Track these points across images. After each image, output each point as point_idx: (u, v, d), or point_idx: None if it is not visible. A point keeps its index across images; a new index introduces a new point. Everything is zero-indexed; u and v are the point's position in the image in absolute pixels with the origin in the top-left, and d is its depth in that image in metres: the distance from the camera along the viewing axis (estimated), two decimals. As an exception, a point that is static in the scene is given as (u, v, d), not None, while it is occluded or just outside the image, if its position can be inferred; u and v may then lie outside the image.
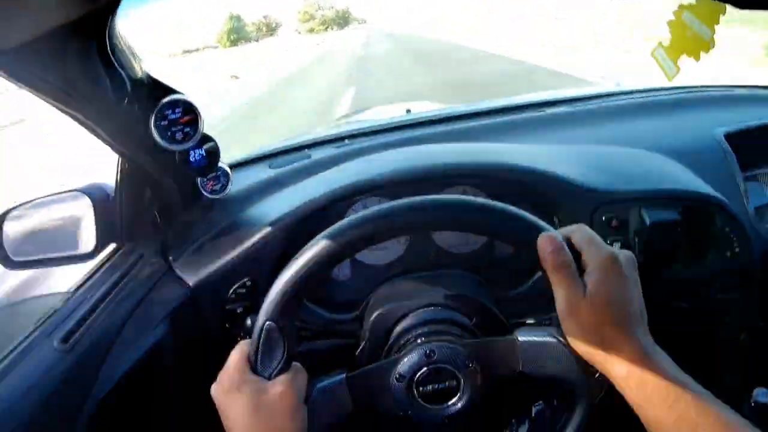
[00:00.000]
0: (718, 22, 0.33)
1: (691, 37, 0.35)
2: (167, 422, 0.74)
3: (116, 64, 0.60)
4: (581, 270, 0.46)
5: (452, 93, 5.81)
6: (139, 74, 0.65)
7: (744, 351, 0.84)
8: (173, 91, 0.67)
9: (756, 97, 1.04)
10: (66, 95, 0.58)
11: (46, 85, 0.55)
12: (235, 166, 0.95)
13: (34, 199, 0.77)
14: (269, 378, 0.50)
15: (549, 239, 0.46)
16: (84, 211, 0.76)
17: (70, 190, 0.76)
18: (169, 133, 0.67)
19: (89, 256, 0.75)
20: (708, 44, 0.34)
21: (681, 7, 0.35)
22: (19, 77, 0.53)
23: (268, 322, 0.49)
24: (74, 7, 0.49)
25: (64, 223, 0.78)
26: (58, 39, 0.51)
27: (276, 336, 0.49)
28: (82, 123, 0.64)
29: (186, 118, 0.68)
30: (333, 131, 1.13)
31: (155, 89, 0.67)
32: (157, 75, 0.67)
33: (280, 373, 0.50)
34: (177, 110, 0.67)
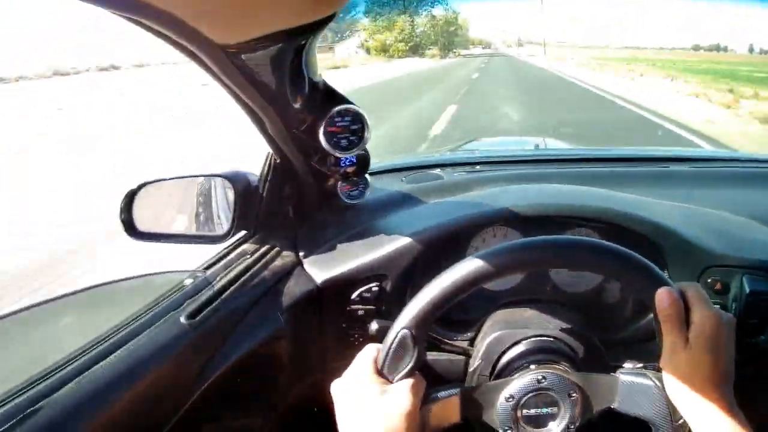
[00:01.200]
0: None
1: None
2: (272, 407, 0.75)
3: (304, 70, 0.65)
4: (688, 323, 0.52)
5: (576, 134, 5.99)
6: (318, 80, 0.70)
7: None
8: (346, 101, 0.72)
9: None
10: (252, 91, 0.62)
11: (243, 80, 0.60)
12: (369, 174, 0.99)
13: (173, 177, 0.80)
14: (393, 381, 0.54)
15: (668, 293, 0.52)
16: (222, 196, 0.80)
17: (212, 174, 0.79)
18: (335, 139, 0.72)
19: (221, 239, 0.78)
20: None
21: None
22: (224, 71, 0.58)
23: (404, 330, 0.53)
24: (299, 16, 0.54)
25: (199, 204, 0.81)
26: (270, 42, 0.56)
27: (409, 343, 0.53)
28: (254, 117, 0.69)
29: (353, 127, 0.73)
30: (464, 155, 1.19)
31: (330, 96, 0.72)
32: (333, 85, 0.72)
33: (404, 378, 0.54)
34: (347, 118, 0.72)
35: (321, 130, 0.71)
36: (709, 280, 0.77)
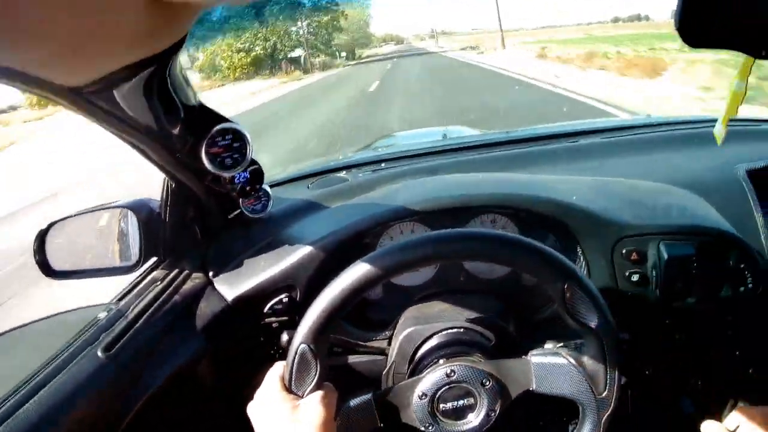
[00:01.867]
0: (750, 73, 0.40)
1: (734, 96, 0.41)
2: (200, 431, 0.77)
3: (173, 95, 0.64)
4: None
5: (484, 118, 5.80)
6: (193, 103, 0.69)
7: (756, 384, 0.88)
8: (224, 120, 0.72)
9: None
10: (123, 124, 0.62)
11: (108, 116, 0.60)
12: (274, 185, 0.99)
13: (80, 212, 0.81)
14: (302, 396, 0.54)
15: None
16: (128, 226, 0.80)
17: (116, 205, 0.80)
18: (219, 159, 0.72)
19: (132, 268, 0.78)
20: (741, 95, 0.41)
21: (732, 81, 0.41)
22: (85, 110, 0.57)
23: (302, 345, 0.54)
24: (143, 48, 0.54)
25: (108, 236, 0.82)
26: (124, 75, 0.55)
27: (309, 358, 0.54)
28: (135, 147, 0.68)
29: (235, 145, 0.72)
30: (369, 154, 1.17)
31: (207, 117, 0.71)
32: (210, 104, 0.71)
33: (312, 392, 0.54)
34: (227, 137, 0.72)
35: (203, 152, 0.71)
36: (624, 251, 0.76)
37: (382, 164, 1.03)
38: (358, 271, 0.53)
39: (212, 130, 0.71)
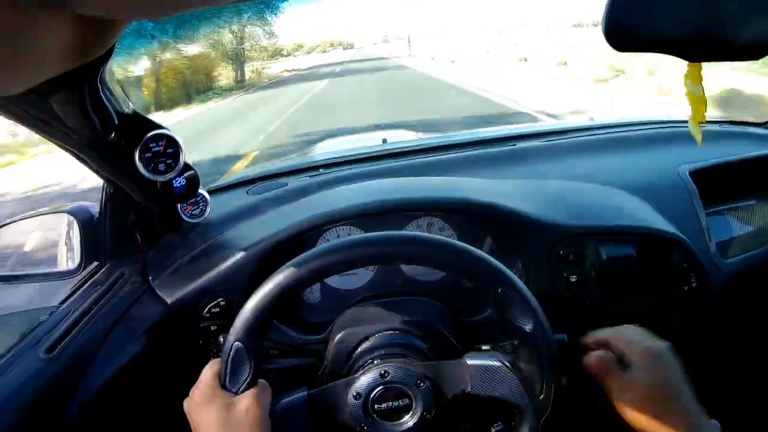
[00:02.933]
0: (702, 78, 0.40)
1: (694, 100, 0.41)
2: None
3: (105, 103, 0.65)
4: (625, 365, 0.55)
5: (427, 122, 5.76)
6: (126, 110, 0.70)
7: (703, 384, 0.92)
8: (157, 126, 0.73)
9: (721, 134, 1.08)
10: (57, 131, 0.63)
11: (41, 123, 0.61)
12: (214, 191, 1.00)
13: (19, 218, 0.82)
14: (236, 393, 0.55)
15: (595, 361, 0.56)
16: (68, 231, 0.82)
17: (55, 210, 0.81)
18: (152, 165, 0.73)
19: (72, 272, 0.80)
20: (703, 100, 0.41)
21: (684, 77, 0.41)
22: (18, 118, 0.58)
23: (236, 343, 0.55)
24: (70, 60, 0.55)
25: (48, 241, 0.83)
26: (54, 85, 0.56)
27: (243, 355, 0.55)
28: (72, 154, 0.69)
29: (169, 151, 0.74)
30: (310, 159, 1.18)
31: (140, 124, 0.72)
32: (141, 111, 0.72)
33: (246, 389, 0.55)
34: (160, 143, 0.73)
35: (137, 158, 0.72)
36: (561, 252, 0.77)
37: (320, 169, 1.04)
38: (291, 270, 0.54)
39: (145, 137, 0.72)
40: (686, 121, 0.45)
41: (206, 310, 0.77)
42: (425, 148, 1.10)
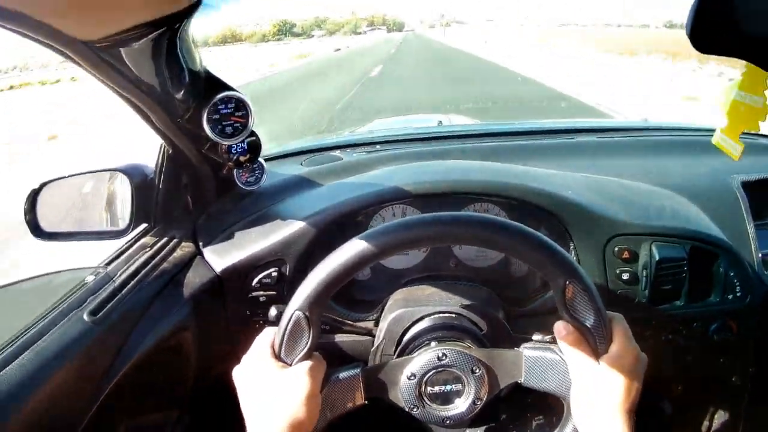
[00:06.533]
0: (766, 87, 0.37)
1: (745, 110, 0.38)
2: (182, 398, 0.76)
3: (180, 59, 0.64)
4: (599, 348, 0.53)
5: (481, 108, 5.85)
6: (199, 69, 0.69)
7: (736, 392, 0.88)
8: (228, 88, 0.71)
9: None
10: (128, 83, 0.62)
11: (113, 73, 0.59)
12: (269, 159, 0.98)
13: (73, 174, 0.80)
14: (291, 364, 0.53)
15: (563, 326, 0.54)
16: (120, 191, 0.79)
17: (109, 169, 0.79)
18: (219, 127, 0.71)
19: (122, 233, 0.78)
20: (764, 111, 0.38)
21: (730, 87, 0.39)
22: (93, 66, 0.57)
23: (297, 312, 0.53)
24: (158, 8, 0.53)
25: (99, 199, 0.81)
26: (135, 34, 0.55)
27: (303, 326, 0.53)
28: (137, 109, 0.68)
29: (237, 114, 0.71)
30: (365, 135, 1.16)
31: (212, 84, 0.71)
32: (214, 71, 0.70)
33: (301, 360, 0.53)
34: (230, 105, 0.71)
35: (204, 119, 0.70)
36: (616, 249, 0.77)
37: (377, 146, 1.02)
38: (358, 245, 0.52)
39: (215, 98, 0.70)
40: (745, 134, 0.40)
41: (257, 279, 0.75)
42: (481, 133, 1.09)
